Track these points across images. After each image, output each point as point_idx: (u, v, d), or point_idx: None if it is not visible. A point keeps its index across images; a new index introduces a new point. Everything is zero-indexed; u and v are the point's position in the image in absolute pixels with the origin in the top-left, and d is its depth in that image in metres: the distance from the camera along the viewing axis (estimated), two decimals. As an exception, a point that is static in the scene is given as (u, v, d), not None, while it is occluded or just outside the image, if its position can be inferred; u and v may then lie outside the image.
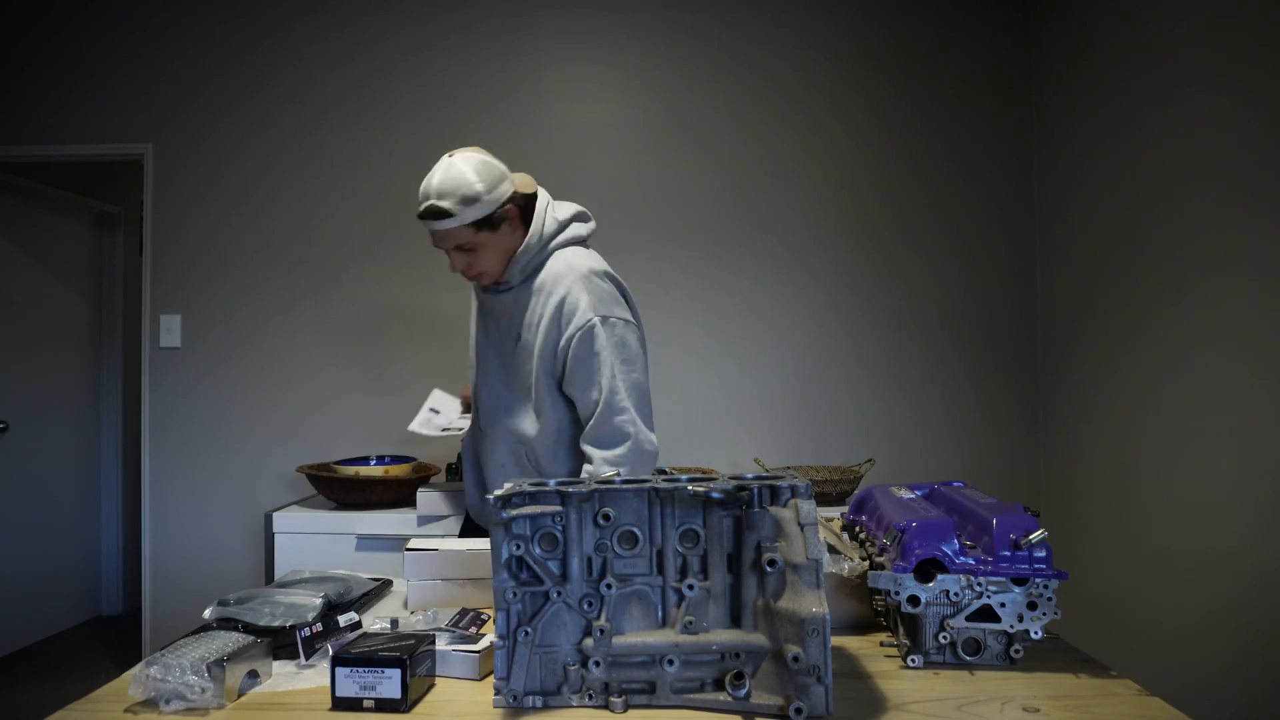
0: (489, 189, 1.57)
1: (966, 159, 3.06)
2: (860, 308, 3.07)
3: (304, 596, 1.21)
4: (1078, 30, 2.78)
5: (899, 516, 1.16)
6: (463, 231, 1.58)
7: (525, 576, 0.97)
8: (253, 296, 3.14)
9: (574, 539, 0.97)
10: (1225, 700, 2.06)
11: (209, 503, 3.12)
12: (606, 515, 0.97)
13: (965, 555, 1.08)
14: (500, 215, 1.60)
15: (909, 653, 1.09)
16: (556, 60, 3.12)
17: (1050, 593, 1.06)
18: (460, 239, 1.60)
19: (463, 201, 1.55)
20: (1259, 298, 1.98)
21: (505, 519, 0.95)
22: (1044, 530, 1.06)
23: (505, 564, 0.96)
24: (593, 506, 0.97)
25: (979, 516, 1.14)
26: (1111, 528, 2.57)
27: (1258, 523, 1.97)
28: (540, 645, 0.96)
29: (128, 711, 0.96)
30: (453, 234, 1.59)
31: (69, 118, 3.18)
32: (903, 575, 1.07)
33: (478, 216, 1.57)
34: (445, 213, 1.56)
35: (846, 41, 3.08)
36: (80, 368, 4.10)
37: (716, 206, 3.09)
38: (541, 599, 0.96)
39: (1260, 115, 1.98)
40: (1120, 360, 2.53)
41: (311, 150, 3.14)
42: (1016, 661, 1.08)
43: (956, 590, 1.07)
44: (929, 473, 2.96)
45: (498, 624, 0.96)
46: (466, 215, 1.56)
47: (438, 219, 1.57)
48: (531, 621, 0.96)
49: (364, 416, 3.10)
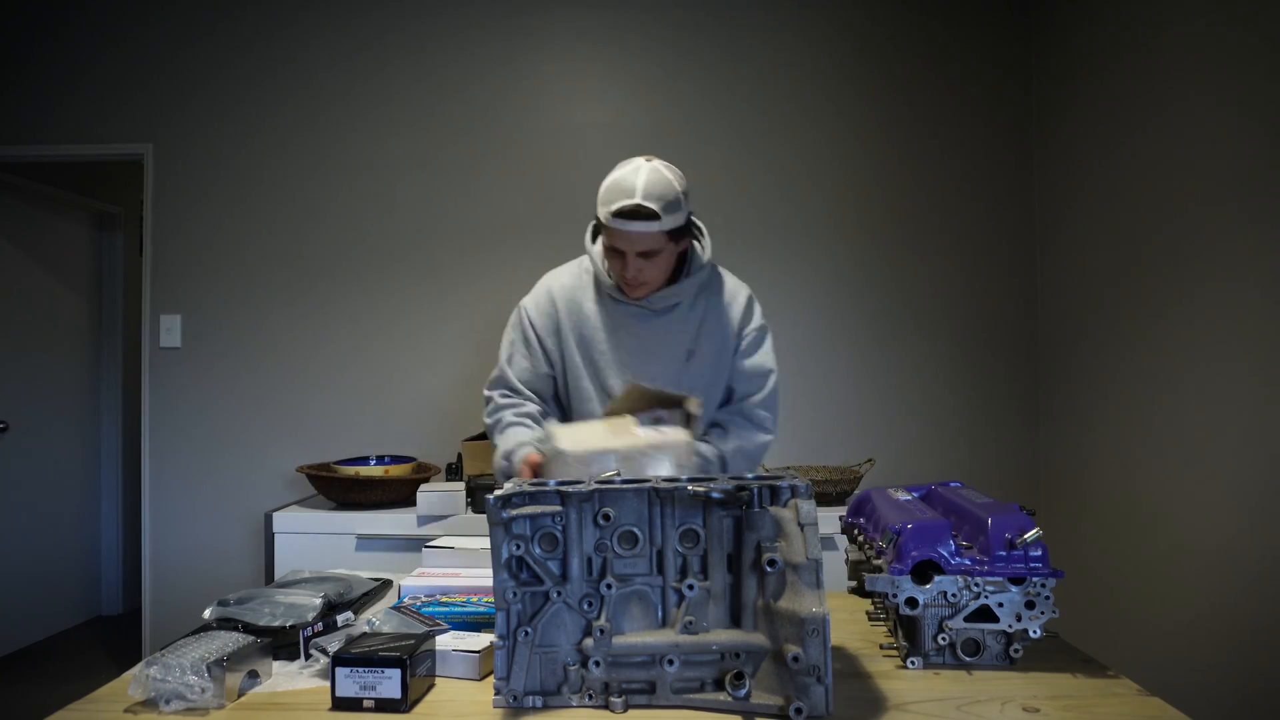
0: (686, 199, 1.57)
1: (967, 159, 3.06)
2: (860, 308, 3.07)
3: (304, 596, 1.21)
4: (1078, 30, 2.78)
5: (895, 519, 1.16)
6: (658, 238, 1.54)
7: (525, 576, 0.97)
8: (253, 296, 3.14)
9: (574, 539, 0.97)
10: (1225, 700, 2.06)
11: (209, 503, 3.12)
12: (606, 515, 0.97)
13: (961, 556, 1.08)
14: (686, 228, 1.60)
15: (908, 655, 1.09)
16: (556, 59, 3.12)
17: (1048, 591, 1.06)
18: (652, 244, 1.54)
19: (669, 207, 1.52)
20: (1258, 298, 1.98)
21: (505, 519, 0.95)
22: (1039, 529, 1.06)
23: (505, 564, 0.96)
24: (592, 506, 0.97)
25: (974, 516, 1.14)
26: (1111, 527, 2.57)
27: (1257, 522, 1.98)
28: (540, 645, 0.96)
29: (128, 711, 0.96)
30: (648, 239, 1.53)
31: (69, 118, 3.18)
32: (899, 577, 1.07)
33: (676, 225, 1.55)
34: (653, 214, 1.50)
35: (847, 41, 3.08)
36: (80, 368, 4.10)
37: (716, 206, 3.09)
38: (541, 599, 0.96)
39: (1260, 115, 1.98)
40: (1119, 360, 2.53)
41: (311, 150, 3.14)
42: (1016, 661, 1.08)
43: (954, 591, 1.07)
44: (928, 473, 2.96)
45: (497, 624, 0.96)
46: (668, 221, 1.53)
47: (644, 220, 1.51)
48: (531, 621, 0.96)
49: (364, 416, 3.10)
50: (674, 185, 1.53)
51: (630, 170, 1.54)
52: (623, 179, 1.53)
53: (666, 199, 1.51)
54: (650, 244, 1.54)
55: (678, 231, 1.57)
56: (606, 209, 1.52)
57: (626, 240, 1.54)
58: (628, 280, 1.60)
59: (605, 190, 1.54)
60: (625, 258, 1.56)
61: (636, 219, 1.50)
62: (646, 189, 1.50)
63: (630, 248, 1.55)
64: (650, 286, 1.62)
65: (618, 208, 1.51)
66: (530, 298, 1.75)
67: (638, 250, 1.55)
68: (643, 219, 1.50)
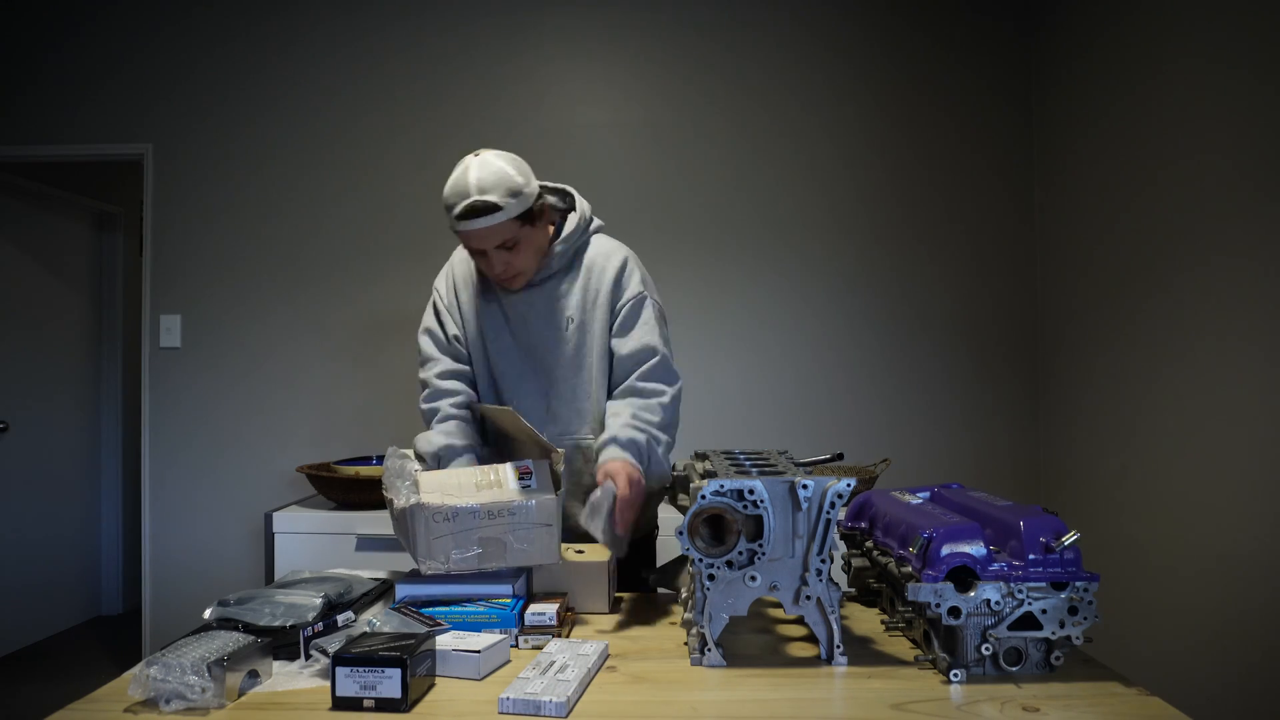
0: (526, 181, 1.52)
1: (969, 163, 3.06)
2: (860, 309, 3.07)
3: (304, 596, 1.21)
4: (1080, 31, 2.78)
5: (918, 522, 1.12)
6: (508, 226, 1.50)
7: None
8: (252, 296, 3.14)
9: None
10: (1225, 700, 2.06)
11: (209, 503, 3.12)
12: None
13: (994, 561, 1.04)
14: (539, 208, 1.55)
15: (950, 667, 1.03)
16: (557, 58, 3.12)
17: (1090, 596, 1.02)
18: (504, 235, 1.51)
19: (509, 194, 1.48)
20: (1259, 298, 1.98)
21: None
22: (1076, 532, 1.02)
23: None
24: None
25: (1000, 520, 1.10)
26: (1111, 527, 2.57)
27: (1257, 522, 1.97)
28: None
29: (128, 711, 0.96)
30: (498, 230, 1.49)
31: (69, 118, 3.18)
32: (943, 586, 1.02)
33: (523, 209, 1.51)
34: (493, 207, 1.47)
35: (853, 43, 3.08)
36: (80, 368, 4.10)
37: (717, 206, 3.10)
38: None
39: (1260, 115, 1.98)
40: (1120, 361, 2.53)
41: (311, 150, 3.14)
42: (1057, 669, 1.05)
43: (997, 599, 1.02)
44: (928, 472, 2.96)
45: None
46: (513, 208, 1.49)
47: (485, 215, 1.47)
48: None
49: (364, 417, 3.10)
50: (507, 170, 1.50)
51: (461, 171, 1.51)
52: (455, 181, 1.50)
53: (505, 186, 1.48)
54: (503, 235, 1.51)
55: (530, 214, 1.53)
56: (450, 216, 1.50)
57: (479, 239, 1.51)
58: (499, 277, 1.57)
59: (444, 197, 1.52)
60: (488, 256, 1.54)
61: (478, 215, 1.48)
62: (480, 184, 1.47)
63: (486, 244, 1.52)
64: (525, 276, 1.59)
65: (457, 210, 1.48)
66: (440, 274, 1.75)
67: (494, 245, 1.52)
68: (484, 214, 1.47)
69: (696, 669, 1.12)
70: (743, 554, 1.11)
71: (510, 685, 0.99)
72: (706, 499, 1.11)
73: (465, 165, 1.51)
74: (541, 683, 0.99)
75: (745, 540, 1.11)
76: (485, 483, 1.35)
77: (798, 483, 1.11)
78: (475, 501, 1.29)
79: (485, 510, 1.28)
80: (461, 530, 1.27)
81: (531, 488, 1.33)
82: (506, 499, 1.29)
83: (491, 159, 1.51)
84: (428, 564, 1.28)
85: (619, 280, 1.64)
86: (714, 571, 1.12)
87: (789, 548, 1.12)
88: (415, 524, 1.27)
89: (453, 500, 1.29)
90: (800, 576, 1.12)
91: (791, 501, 1.12)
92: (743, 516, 1.12)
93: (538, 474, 1.36)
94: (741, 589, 1.12)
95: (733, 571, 1.12)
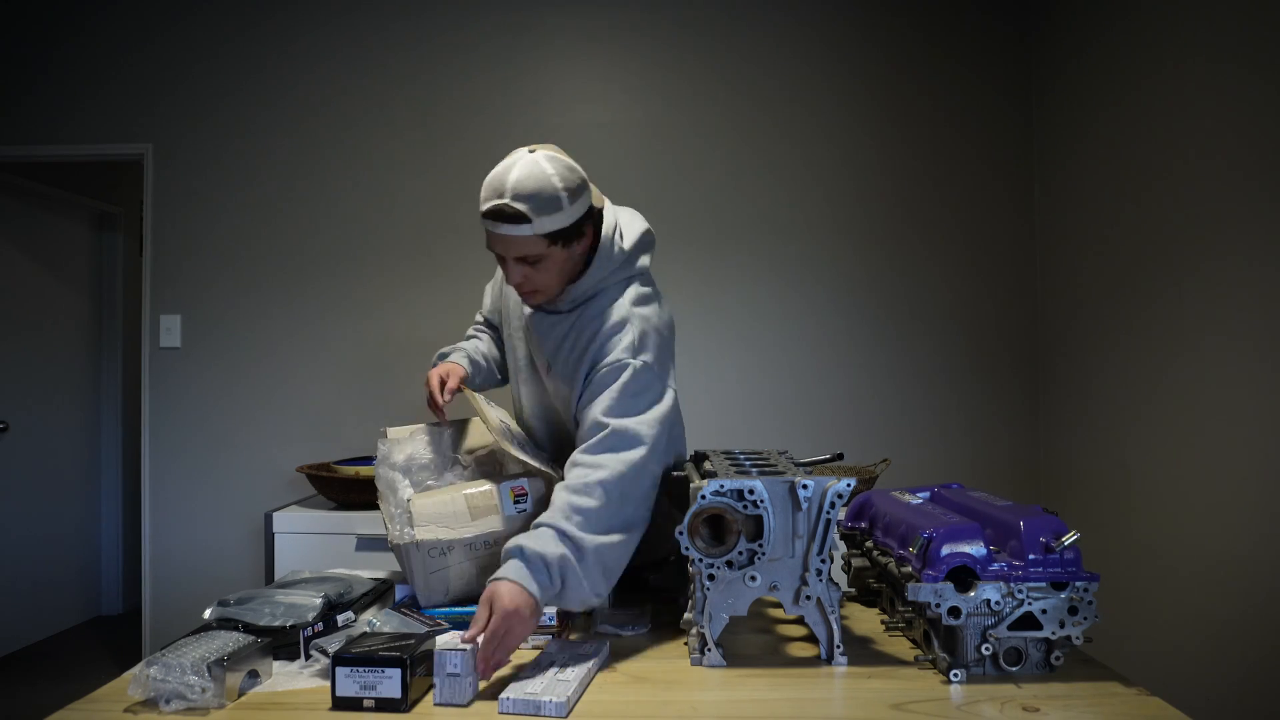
0: (572, 199, 1.29)
1: (969, 163, 3.06)
2: (859, 309, 3.07)
3: (304, 596, 1.21)
4: (1080, 31, 2.78)
5: (918, 522, 1.12)
6: (534, 242, 1.28)
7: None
8: (252, 296, 3.14)
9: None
10: (1225, 700, 2.06)
11: (209, 503, 3.12)
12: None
13: (994, 561, 1.04)
14: (577, 231, 1.33)
15: (950, 667, 1.04)
16: (557, 58, 3.12)
17: (1090, 596, 1.02)
18: (528, 250, 1.29)
19: (543, 208, 1.26)
20: (1259, 298, 1.98)
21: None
22: (1076, 532, 1.01)
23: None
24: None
25: (1000, 520, 1.10)
26: (1111, 527, 2.57)
27: (1257, 522, 1.97)
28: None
29: (128, 711, 0.96)
30: (520, 243, 1.28)
31: (69, 118, 3.18)
32: (942, 586, 1.02)
33: (555, 228, 1.28)
34: (521, 217, 1.26)
35: (853, 43, 3.08)
36: (80, 368, 4.10)
37: (717, 206, 3.09)
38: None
39: (1258, 122, 1.98)
40: (1120, 361, 2.53)
41: (311, 150, 3.14)
42: (1057, 669, 1.05)
43: (998, 599, 1.03)
44: (928, 472, 2.96)
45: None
46: (543, 225, 1.27)
47: (510, 222, 1.27)
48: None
49: (364, 417, 3.10)
50: (552, 182, 1.27)
51: (506, 164, 1.30)
52: (495, 174, 1.29)
53: (540, 197, 1.26)
54: (526, 249, 1.29)
55: (565, 234, 1.30)
56: (481, 206, 1.31)
57: (500, 243, 1.30)
58: (514, 285, 1.36)
59: (483, 185, 1.32)
60: (507, 263, 1.33)
61: (503, 220, 1.27)
62: (517, 187, 1.26)
63: (505, 252, 1.31)
64: (543, 295, 1.37)
65: (485, 208, 1.29)
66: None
67: (514, 255, 1.31)
68: (510, 221, 1.27)
69: (696, 669, 1.12)
70: (743, 554, 1.11)
71: (510, 685, 0.99)
72: (706, 499, 1.11)
73: (513, 160, 1.30)
74: (541, 683, 0.99)
75: (745, 540, 1.12)
76: (480, 507, 1.35)
77: (798, 483, 1.11)
78: (471, 532, 1.31)
79: (482, 540, 1.31)
80: (458, 563, 1.30)
81: (527, 510, 1.35)
82: (503, 528, 1.32)
83: (542, 162, 1.28)
84: (428, 598, 1.30)
85: (607, 340, 1.36)
86: (714, 571, 1.12)
87: (789, 548, 1.12)
88: (412, 561, 1.29)
89: (448, 534, 1.30)
90: (800, 576, 1.12)
91: (791, 501, 1.12)
92: (743, 516, 1.12)
93: (532, 493, 1.37)
94: (741, 589, 1.12)
95: (733, 571, 1.12)
